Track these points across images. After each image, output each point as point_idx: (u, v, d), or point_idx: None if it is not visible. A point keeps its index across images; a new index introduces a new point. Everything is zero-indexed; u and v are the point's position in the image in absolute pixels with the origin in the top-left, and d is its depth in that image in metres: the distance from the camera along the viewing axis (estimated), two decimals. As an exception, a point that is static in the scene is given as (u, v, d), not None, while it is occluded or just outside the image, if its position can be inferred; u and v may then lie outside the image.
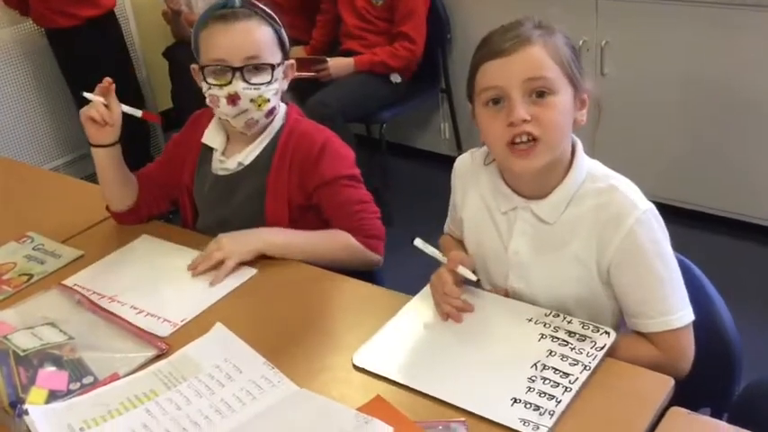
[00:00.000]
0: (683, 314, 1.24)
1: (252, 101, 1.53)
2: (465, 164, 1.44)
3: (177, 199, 1.76)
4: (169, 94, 3.67)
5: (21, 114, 3.38)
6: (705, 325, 1.33)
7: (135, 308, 1.44)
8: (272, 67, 1.54)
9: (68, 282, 1.55)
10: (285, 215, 1.59)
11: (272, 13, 1.58)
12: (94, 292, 1.50)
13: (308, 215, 1.62)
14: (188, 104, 3.42)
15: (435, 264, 1.39)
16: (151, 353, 1.32)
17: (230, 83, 1.52)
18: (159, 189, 1.75)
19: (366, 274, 1.59)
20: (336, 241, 1.59)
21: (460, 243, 1.47)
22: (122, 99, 3.50)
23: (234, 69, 1.52)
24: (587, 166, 1.29)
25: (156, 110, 3.83)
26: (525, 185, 1.31)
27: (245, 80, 1.52)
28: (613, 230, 1.22)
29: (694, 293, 1.35)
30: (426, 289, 1.38)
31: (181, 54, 3.43)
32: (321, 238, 1.59)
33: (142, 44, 3.72)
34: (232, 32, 1.52)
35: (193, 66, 1.60)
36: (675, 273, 1.25)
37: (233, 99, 1.52)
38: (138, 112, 1.64)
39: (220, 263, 1.51)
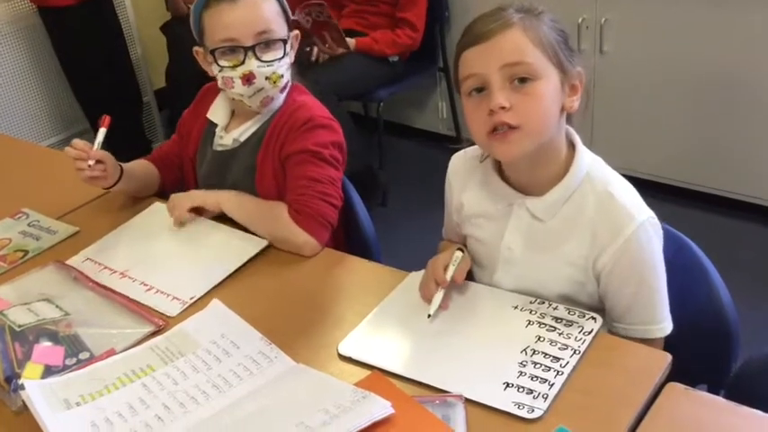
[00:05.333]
0: (664, 326, 1.25)
1: (267, 78, 1.52)
2: (459, 161, 1.40)
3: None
4: (164, 71, 3.63)
5: (15, 92, 3.35)
6: (703, 302, 1.34)
7: (145, 284, 1.44)
8: (284, 41, 1.52)
9: (79, 256, 1.54)
10: (274, 192, 1.58)
11: None
12: (106, 267, 1.49)
13: None
14: (185, 80, 3.42)
15: (431, 244, 1.38)
16: (148, 329, 1.31)
17: (243, 62, 1.50)
18: (178, 167, 1.76)
19: (363, 251, 1.58)
20: (271, 212, 1.54)
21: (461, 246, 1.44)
22: (116, 78, 3.48)
23: (245, 49, 1.49)
24: (587, 165, 1.26)
25: (151, 87, 3.80)
26: (520, 178, 1.28)
27: (257, 58, 1.50)
28: (609, 239, 1.21)
29: (693, 271, 1.35)
30: (412, 275, 1.37)
31: (178, 29, 3.41)
32: (262, 206, 1.57)
33: (138, 20, 3.67)
34: (239, 10, 1.48)
35: (197, 48, 1.57)
36: (664, 283, 1.25)
37: (248, 78, 1.50)
38: (103, 130, 1.58)
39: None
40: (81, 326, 1.32)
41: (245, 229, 1.55)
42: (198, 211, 1.60)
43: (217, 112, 1.66)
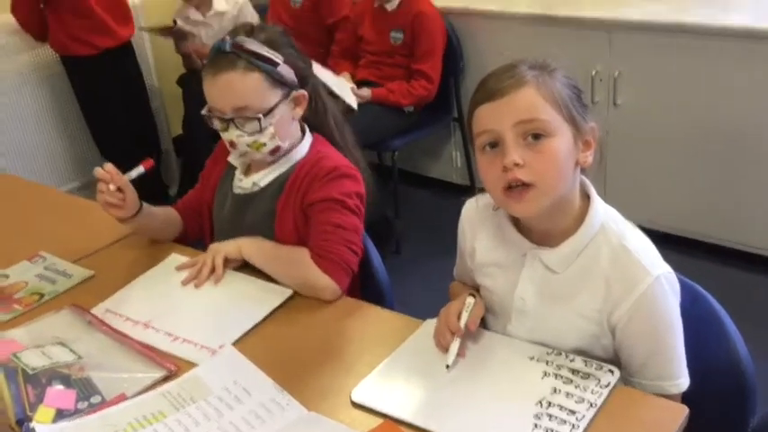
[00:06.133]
0: (680, 382, 1.23)
1: (248, 145, 1.56)
2: (472, 210, 1.40)
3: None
4: (181, 121, 3.69)
5: (37, 137, 3.41)
6: (720, 356, 1.32)
7: (170, 334, 1.42)
8: (259, 119, 1.52)
9: (100, 307, 1.52)
10: (294, 239, 1.59)
11: (266, 52, 1.52)
12: (128, 319, 1.48)
13: None
14: (199, 131, 3.48)
15: (445, 292, 1.38)
16: (159, 374, 1.31)
17: (227, 129, 1.55)
18: (201, 215, 1.78)
19: (378, 299, 1.58)
20: (292, 255, 1.55)
21: (472, 289, 1.44)
22: (136, 126, 3.55)
23: (227, 120, 1.54)
24: (602, 216, 1.25)
25: (170, 135, 3.86)
26: (534, 230, 1.28)
27: (237, 128, 1.54)
28: (623, 294, 1.20)
29: (708, 322, 1.34)
30: (427, 323, 1.37)
31: (192, 82, 3.48)
32: (282, 250, 1.58)
33: (158, 72, 3.75)
34: (217, 85, 1.52)
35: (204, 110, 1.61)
36: (680, 339, 1.23)
37: (231, 144, 1.57)
38: (141, 169, 1.64)
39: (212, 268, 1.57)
40: (93, 369, 1.32)
41: (268, 278, 1.55)
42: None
43: (236, 157, 1.68)
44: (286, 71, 1.55)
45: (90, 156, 3.49)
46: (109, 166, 1.60)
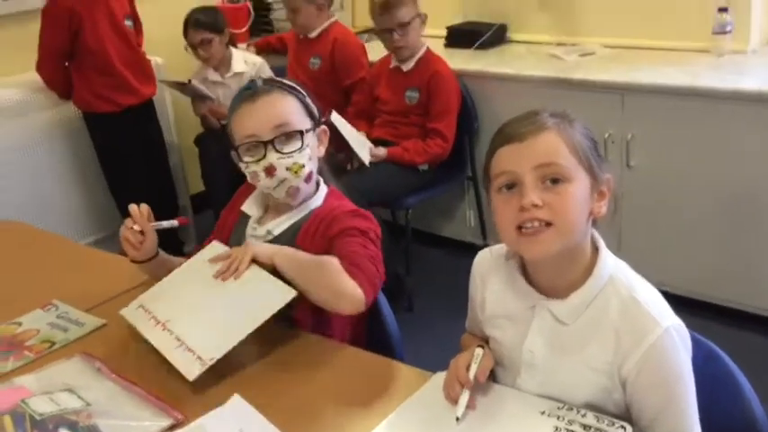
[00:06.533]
0: None
1: (288, 169, 1.58)
2: (484, 260, 1.41)
3: None
4: (200, 177, 3.75)
5: (56, 192, 3.44)
6: (735, 415, 1.29)
7: (179, 339, 1.47)
8: (301, 132, 1.59)
9: (135, 302, 1.62)
10: None
11: (296, 85, 1.65)
12: (153, 317, 1.55)
13: None
14: (215, 189, 3.53)
15: (456, 349, 1.37)
16: (166, 422, 1.30)
17: (264, 156, 1.57)
18: None
19: (388, 351, 1.57)
20: (322, 260, 1.53)
21: (482, 341, 1.43)
22: (154, 183, 3.60)
23: (265, 143, 1.57)
24: (611, 268, 1.26)
25: (188, 192, 3.91)
26: (544, 280, 1.28)
27: (277, 150, 1.57)
28: (632, 345, 1.19)
29: (723, 381, 1.32)
30: (437, 376, 1.36)
31: (208, 142, 3.56)
32: (314, 257, 1.55)
33: (177, 129, 3.83)
34: (257, 108, 1.59)
35: (232, 152, 1.65)
36: (692, 394, 1.21)
37: (269, 171, 1.58)
38: (175, 223, 1.70)
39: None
40: (101, 417, 1.31)
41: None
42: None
43: (251, 205, 1.72)
44: (312, 104, 1.64)
45: (108, 212, 3.53)
46: (143, 207, 1.65)
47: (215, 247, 1.68)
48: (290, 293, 1.48)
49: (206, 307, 1.54)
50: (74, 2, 3.10)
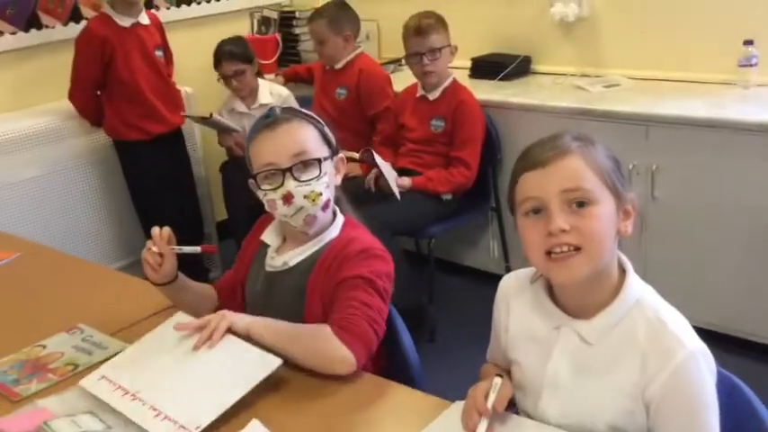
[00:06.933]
0: None
1: (305, 197, 1.59)
2: (510, 282, 1.42)
3: None
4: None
5: (85, 217, 3.50)
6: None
7: (154, 409, 1.39)
8: (319, 161, 1.61)
9: (95, 374, 1.52)
10: (321, 319, 1.59)
11: (314, 115, 1.67)
12: (119, 387, 1.46)
13: None
14: (236, 217, 3.55)
15: (476, 381, 1.38)
16: (186, 446, 1.31)
17: (282, 184, 1.59)
18: (236, 293, 1.81)
19: (407, 381, 1.57)
20: (309, 329, 1.53)
21: (503, 370, 1.42)
22: (181, 212, 3.63)
23: (283, 171, 1.59)
24: (638, 291, 1.26)
25: (214, 219, 3.95)
26: (570, 301, 1.29)
27: (295, 178, 1.59)
28: (659, 366, 1.19)
29: (748, 416, 1.30)
30: (456, 404, 1.35)
31: (231, 170, 3.60)
32: (297, 326, 1.55)
33: (205, 157, 3.88)
34: (276, 136, 1.61)
35: (250, 180, 1.67)
36: (715, 418, 1.20)
37: (287, 198, 1.59)
38: (197, 249, 1.71)
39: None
40: (121, 440, 1.33)
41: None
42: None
43: (270, 234, 1.73)
44: (329, 134, 1.66)
45: (135, 238, 3.54)
46: (165, 231, 1.67)
47: (180, 316, 1.64)
48: (275, 362, 1.45)
49: (180, 377, 1.47)
50: (107, 33, 3.18)
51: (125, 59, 3.23)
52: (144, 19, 3.33)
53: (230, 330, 1.54)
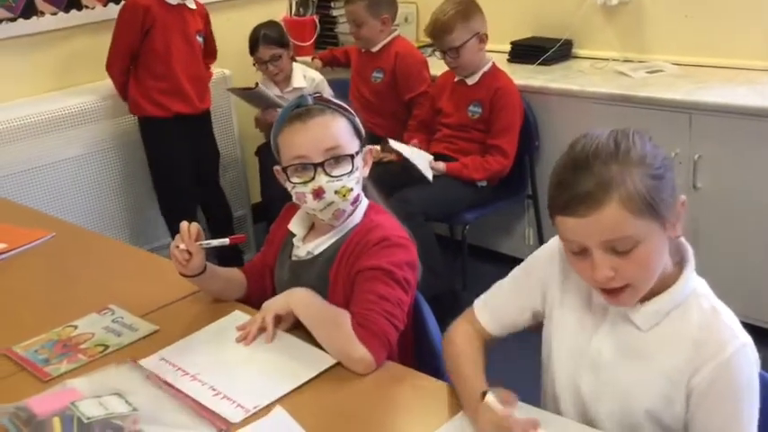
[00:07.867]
0: None
1: (336, 192, 1.57)
2: (555, 253, 1.37)
3: None
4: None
5: (122, 198, 3.52)
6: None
7: (214, 389, 1.44)
8: (352, 156, 1.58)
9: (156, 355, 1.57)
10: (343, 307, 1.58)
11: (345, 104, 1.63)
12: (179, 368, 1.52)
13: None
14: (273, 200, 3.55)
15: (505, 369, 1.35)
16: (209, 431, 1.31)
17: (313, 178, 1.56)
18: (264, 277, 1.81)
19: (433, 370, 1.55)
20: (335, 319, 1.53)
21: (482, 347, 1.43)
22: (198, 198, 3.58)
23: (315, 165, 1.56)
24: (694, 281, 1.25)
25: (249, 201, 3.96)
26: None
27: (327, 174, 1.56)
28: (709, 355, 1.17)
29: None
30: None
31: (269, 154, 3.56)
32: (327, 311, 1.56)
33: (242, 141, 3.88)
34: (309, 129, 1.56)
35: (276, 167, 1.66)
36: (756, 411, 1.19)
37: (318, 193, 1.56)
38: (225, 241, 1.68)
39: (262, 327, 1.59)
40: (146, 423, 1.33)
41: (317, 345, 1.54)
42: (277, 318, 1.61)
43: (296, 223, 1.72)
44: (360, 125, 1.63)
45: (160, 222, 3.57)
46: (193, 227, 1.63)
47: (236, 316, 1.69)
48: (329, 361, 1.49)
49: (237, 366, 1.52)
50: (151, 3, 3.18)
51: (163, 31, 3.21)
52: (191, 3, 3.32)
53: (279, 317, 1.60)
